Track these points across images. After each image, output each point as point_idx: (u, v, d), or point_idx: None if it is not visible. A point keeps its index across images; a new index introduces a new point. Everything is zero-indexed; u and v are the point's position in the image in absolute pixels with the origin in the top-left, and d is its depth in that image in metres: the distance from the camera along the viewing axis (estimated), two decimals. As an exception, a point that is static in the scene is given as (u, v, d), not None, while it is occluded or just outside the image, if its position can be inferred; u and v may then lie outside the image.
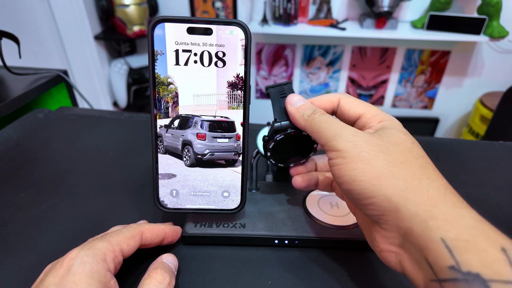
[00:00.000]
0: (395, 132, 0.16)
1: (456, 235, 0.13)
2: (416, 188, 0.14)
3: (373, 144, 0.15)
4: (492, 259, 0.12)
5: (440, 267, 0.13)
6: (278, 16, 1.13)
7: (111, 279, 0.16)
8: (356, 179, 0.15)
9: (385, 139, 0.16)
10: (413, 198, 0.14)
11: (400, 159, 0.15)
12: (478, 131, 1.20)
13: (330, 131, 0.16)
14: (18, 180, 0.28)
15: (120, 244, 0.17)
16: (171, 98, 0.19)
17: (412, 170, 0.15)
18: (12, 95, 0.48)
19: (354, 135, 0.16)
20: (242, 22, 0.18)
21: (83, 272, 0.15)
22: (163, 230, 0.20)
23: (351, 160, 0.15)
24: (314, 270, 0.20)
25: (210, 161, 0.21)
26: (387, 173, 0.14)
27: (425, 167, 0.15)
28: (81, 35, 1.16)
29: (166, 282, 0.17)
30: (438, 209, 0.13)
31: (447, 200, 0.14)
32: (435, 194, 0.14)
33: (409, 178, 0.14)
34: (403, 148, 0.15)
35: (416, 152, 0.16)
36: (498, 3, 1.00)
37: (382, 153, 0.15)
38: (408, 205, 0.14)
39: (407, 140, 0.16)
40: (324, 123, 0.17)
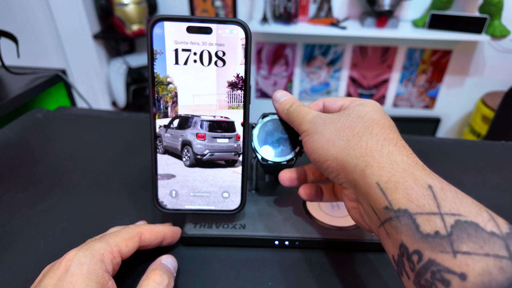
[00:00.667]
0: (365, 108, 0.18)
1: (388, 178, 0.14)
2: (356, 143, 0.16)
3: (327, 119, 0.18)
4: (417, 195, 0.13)
5: (379, 210, 0.14)
6: (278, 15, 1.12)
7: (109, 280, 0.16)
8: (314, 149, 0.17)
9: (342, 114, 0.18)
10: (353, 153, 0.16)
11: (347, 125, 0.17)
12: (479, 131, 1.20)
13: (298, 117, 0.19)
14: (16, 180, 0.27)
15: (118, 245, 0.17)
16: (171, 97, 0.19)
17: (355, 130, 0.16)
18: (10, 94, 0.47)
19: (315, 116, 0.18)
20: (242, 21, 0.18)
21: (81, 273, 0.15)
22: (162, 231, 0.20)
23: (311, 135, 0.18)
24: (314, 271, 0.20)
25: (209, 161, 0.20)
26: (333, 138, 0.17)
27: (370, 126, 0.16)
28: (80, 34, 1.15)
29: (164, 284, 0.17)
30: (373, 158, 0.15)
31: (383, 150, 0.15)
32: (373, 145, 0.15)
33: (351, 137, 0.16)
34: (354, 117, 0.17)
35: (369, 117, 0.17)
36: (499, 2, 0.99)
37: (333, 123, 0.17)
38: (350, 159, 0.16)
39: (374, 114, 0.17)
40: (295, 113, 0.19)
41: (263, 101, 1.43)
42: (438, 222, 0.12)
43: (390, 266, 0.20)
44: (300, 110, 0.19)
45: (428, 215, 0.12)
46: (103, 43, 1.24)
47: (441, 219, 0.12)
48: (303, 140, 0.18)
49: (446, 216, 0.12)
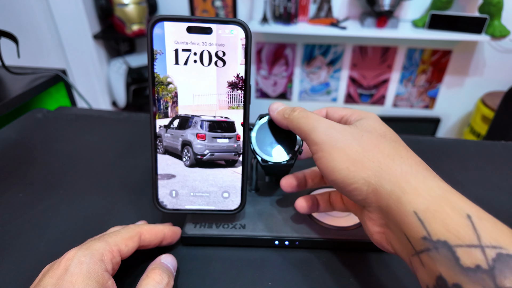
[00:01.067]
0: (370, 122, 0.17)
1: (426, 206, 0.13)
2: (390, 167, 0.15)
3: (347, 133, 0.17)
4: (456, 225, 0.12)
5: (416, 240, 0.13)
6: (278, 15, 1.12)
7: (108, 280, 0.16)
8: (336, 169, 0.16)
9: (359, 128, 0.17)
10: (388, 177, 0.15)
11: (374, 144, 0.16)
12: (479, 131, 1.20)
13: (307, 124, 0.17)
14: (16, 180, 0.27)
15: (118, 244, 0.17)
16: (171, 98, 0.19)
17: (385, 152, 0.16)
18: (11, 94, 0.47)
19: (329, 127, 0.17)
20: (242, 21, 0.18)
21: (80, 272, 0.15)
22: (162, 231, 0.20)
23: (329, 152, 0.16)
24: (314, 271, 0.20)
25: (210, 161, 0.20)
26: (362, 158, 0.16)
27: (397, 148, 0.16)
28: (80, 34, 1.15)
29: (164, 283, 0.17)
30: (409, 184, 0.14)
31: (418, 175, 0.15)
32: (408, 170, 0.15)
33: (382, 160, 0.15)
34: (376, 135, 0.17)
35: (389, 137, 0.17)
36: (499, 2, 0.99)
37: (356, 140, 0.16)
38: (384, 184, 0.15)
39: (381, 128, 0.17)
40: (302, 118, 0.18)
41: (263, 101, 1.43)
42: (479, 255, 0.11)
43: (390, 266, 0.21)
44: (308, 115, 0.18)
45: (468, 247, 0.12)
46: (103, 43, 1.24)
47: (482, 252, 0.12)
48: (315, 156, 0.17)
49: (487, 249, 0.12)
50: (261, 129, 0.21)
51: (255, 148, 0.21)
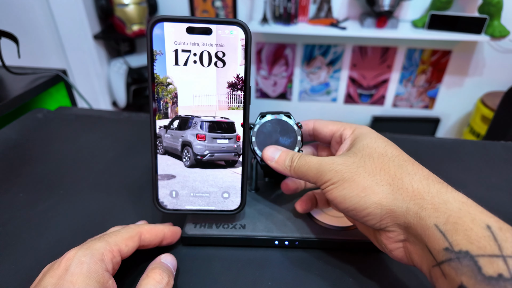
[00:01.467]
0: (367, 141, 0.18)
1: (446, 219, 0.14)
2: (400, 187, 0.16)
3: (350, 163, 0.17)
4: (478, 236, 0.13)
5: (437, 251, 0.14)
6: (278, 15, 1.12)
7: (109, 279, 0.16)
8: (346, 197, 0.16)
9: (359, 154, 0.17)
10: (400, 197, 0.15)
11: (379, 167, 0.16)
12: (479, 131, 1.20)
13: (312, 170, 0.18)
14: (17, 180, 0.27)
15: (118, 244, 0.17)
16: (171, 98, 0.19)
17: (391, 172, 0.16)
18: (11, 94, 0.47)
19: (332, 163, 0.17)
20: (242, 22, 0.18)
21: (81, 272, 0.15)
22: (162, 230, 0.20)
23: (338, 184, 0.17)
24: (314, 271, 0.20)
25: (209, 162, 0.21)
26: (370, 183, 0.16)
27: (402, 165, 0.16)
28: (80, 34, 1.16)
29: (164, 282, 0.17)
30: (424, 199, 0.15)
31: (431, 190, 0.15)
32: (419, 187, 0.15)
33: (392, 181, 0.16)
34: (377, 156, 0.17)
35: (391, 154, 0.17)
36: (499, 2, 1.00)
37: (361, 168, 0.17)
38: (399, 204, 0.15)
39: (379, 145, 0.17)
40: (304, 167, 0.18)
41: (263, 101, 1.43)
42: (501, 265, 0.12)
43: (390, 266, 0.21)
44: (308, 161, 0.18)
45: (490, 257, 0.12)
46: (104, 43, 1.24)
47: (504, 261, 0.12)
48: (327, 190, 0.17)
49: (509, 259, 0.12)
50: (262, 129, 0.21)
51: (255, 148, 0.21)
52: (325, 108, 1.41)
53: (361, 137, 0.18)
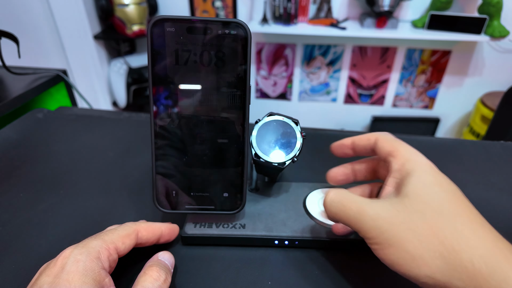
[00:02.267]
0: (419, 189, 0.15)
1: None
2: (457, 264, 0.13)
3: (397, 221, 0.14)
4: None
5: None
6: (278, 16, 1.12)
7: (105, 277, 0.16)
8: (395, 263, 0.15)
9: (409, 206, 0.15)
10: (458, 275, 0.13)
11: (431, 231, 0.14)
12: (479, 131, 1.20)
13: (351, 220, 0.16)
14: (17, 180, 0.28)
15: (114, 242, 0.17)
16: (171, 98, 0.19)
17: (447, 242, 0.13)
18: (11, 94, 0.47)
19: (375, 217, 0.15)
20: (242, 22, 0.18)
21: (77, 270, 0.15)
22: (159, 228, 0.20)
23: (384, 246, 0.15)
24: (314, 271, 0.20)
25: (210, 161, 0.21)
26: (421, 253, 0.14)
27: (462, 232, 0.13)
28: (81, 34, 1.16)
29: (161, 279, 0.17)
30: (488, 283, 0.12)
31: (497, 271, 0.12)
32: (481, 267, 0.13)
33: (446, 253, 0.13)
34: (431, 213, 0.14)
35: (448, 211, 0.14)
36: (498, 2, 1.00)
37: (409, 230, 0.14)
38: (454, 282, 0.13)
39: (434, 196, 0.15)
40: (341, 213, 0.16)
41: (263, 101, 1.43)
42: None
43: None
44: (345, 207, 0.16)
45: None
46: (104, 43, 1.24)
47: None
48: (372, 248, 0.15)
49: None
50: (265, 126, 0.21)
51: (253, 142, 0.21)
52: (325, 108, 1.41)
53: (413, 177, 0.15)
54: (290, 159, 0.20)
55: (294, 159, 0.20)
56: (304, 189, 0.25)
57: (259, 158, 0.20)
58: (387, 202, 0.15)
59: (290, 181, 0.26)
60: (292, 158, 0.20)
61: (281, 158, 0.20)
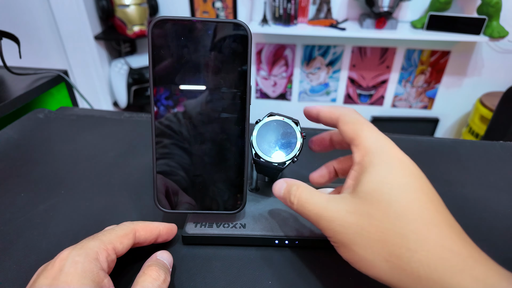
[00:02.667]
0: (374, 185, 0.14)
1: None
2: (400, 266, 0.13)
3: (348, 225, 0.15)
4: None
5: None
6: (278, 16, 1.13)
7: (104, 278, 0.16)
8: (349, 262, 0.15)
9: (359, 207, 0.14)
10: (402, 277, 0.13)
11: (378, 235, 0.14)
12: (478, 131, 1.20)
13: (312, 218, 0.16)
14: (18, 180, 0.28)
15: (112, 242, 0.17)
16: (172, 98, 0.19)
17: (389, 246, 0.13)
18: (12, 95, 0.48)
19: (330, 221, 0.15)
20: (242, 22, 0.18)
21: (75, 272, 0.15)
22: (157, 227, 0.20)
23: (339, 245, 0.15)
24: (314, 271, 0.20)
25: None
26: (368, 256, 0.14)
27: (405, 235, 0.13)
28: (81, 35, 1.16)
29: (161, 279, 0.17)
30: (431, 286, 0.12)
31: (435, 274, 0.12)
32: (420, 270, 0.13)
33: (388, 257, 0.13)
34: (381, 215, 0.14)
35: (395, 210, 0.14)
36: (497, 3, 1.00)
37: (358, 234, 0.14)
38: (402, 284, 0.13)
39: (387, 192, 0.14)
40: (304, 210, 0.17)
41: (263, 101, 1.43)
42: None
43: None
44: (306, 207, 0.16)
45: None
46: (105, 44, 1.24)
47: None
48: (334, 246, 0.16)
49: None
50: (266, 126, 0.21)
51: (253, 142, 0.21)
52: (324, 108, 1.41)
53: (368, 174, 0.15)
54: (290, 159, 0.21)
55: (295, 159, 0.21)
56: None
57: (259, 158, 0.21)
58: (342, 202, 0.15)
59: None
60: (292, 158, 0.21)
61: (282, 158, 0.21)
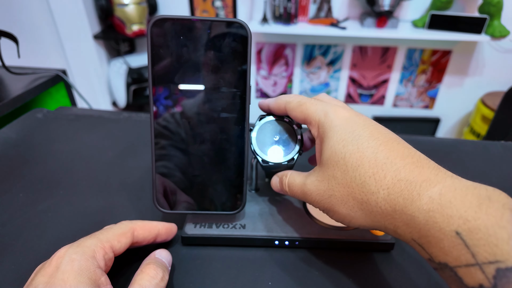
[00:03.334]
0: (330, 152, 0.16)
1: (418, 233, 0.13)
2: (371, 210, 0.15)
3: (323, 192, 0.16)
4: (450, 247, 0.12)
5: (426, 260, 0.14)
6: (278, 15, 1.12)
7: (101, 276, 0.16)
8: (337, 220, 0.17)
9: (327, 174, 0.16)
10: (376, 219, 0.15)
11: (346, 192, 0.15)
12: (479, 131, 1.20)
13: (299, 197, 0.18)
14: (16, 180, 0.27)
15: (110, 240, 0.17)
16: (171, 98, 0.19)
17: (357, 196, 0.15)
18: (11, 94, 0.47)
19: (311, 194, 0.17)
20: (242, 21, 0.18)
21: (72, 270, 0.15)
22: (156, 227, 0.20)
23: (325, 211, 0.17)
24: (314, 271, 0.20)
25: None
26: (347, 212, 0.15)
27: (364, 182, 0.15)
28: (80, 34, 1.16)
29: (159, 277, 0.17)
30: (395, 219, 0.14)
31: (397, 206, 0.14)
32: (386, 207, 0.14)
33: (361, 206, 0.15)
34: (341, 175, 0.15)
35: (351, 165, 0.15)
36: (499, 2, 1.00)
37: (332, 197, 0.16)
38: (378, 224, 0.15)
39: (340, 155, 0.16)
40: (292, 191, 0.19)
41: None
42: (479, 274, 0.11)
43: (390, 266, 0.21)
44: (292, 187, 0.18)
45: (466, 267, 0.12)
46: (104, 43, 1.24)
47: (481, 270, 0.11)
48: None
49: (485, 266, 0.11)
50: (262, 130, 0.21)
51: (255, 149, 0.21)
52: (325, 108, 1.41)
53: (325, 143, 0.16)
54: (297, 152, 0.20)
55: (300, 152, 0.21)
56: None
57: (267, 163, 0.20)
58: (314, 174, 0.17)
59: None
60: (298, 151, 0.20)
61: (289, 156, 0.20)
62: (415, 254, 0.21)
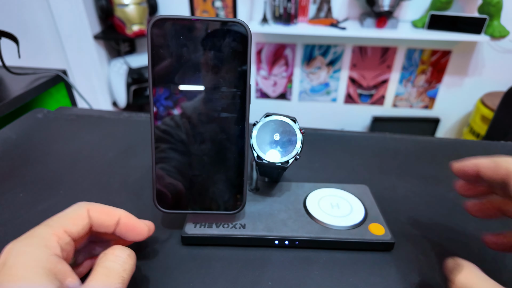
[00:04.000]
0: None
1: None
2: None
3: None
4: None
5: None
6: (278, 16, 1.13)
7: (58, 263, 0.15)
8: None
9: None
10: None
11: None
12: (479, 131, 1.20)
13: None
14: (17, 180, 0.27)
15: (63, 225, 0.16)
16: (171, 98, 0.19)
17: None
18: (11, 95, 0.47)
19: None
20: (242, 22, 0.18)
21: (21, 262, 0.14)
22: (117, 212, 0.18)
23: None
24: (314, 271, 0.20)
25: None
26: None
27: None
28: (80, 34, 1.16)
29: (125, 254, 0.16)
30: None
31: None
32: None
33: None
34: None
35: None
36: (498, 2, 1.00)
37: None
38: None
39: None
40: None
41: (263, 101, 1.43)
42: None
43: (390, 266, 0.21)
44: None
45: None
46: (104, 43, 1.24)
47: None
48: None
49: None
50: (264, 127, 0.21)
51: (253, 144, 0.21)
52: (325, 108, 1.41)
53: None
54: (293, 157, 0.20)
55: (297, 157, 0.20)
56: (304, 189, 0.25)
57: (262, 160, 0.20)
58: None
59: (290, 181, 0.26)
60: (294, 156, 0.20)
61: (284, 158, 0.20)
62: (415, 254, 0.21)
